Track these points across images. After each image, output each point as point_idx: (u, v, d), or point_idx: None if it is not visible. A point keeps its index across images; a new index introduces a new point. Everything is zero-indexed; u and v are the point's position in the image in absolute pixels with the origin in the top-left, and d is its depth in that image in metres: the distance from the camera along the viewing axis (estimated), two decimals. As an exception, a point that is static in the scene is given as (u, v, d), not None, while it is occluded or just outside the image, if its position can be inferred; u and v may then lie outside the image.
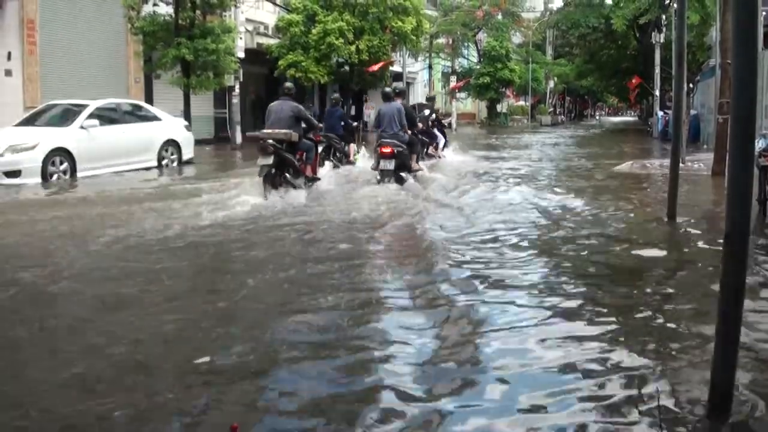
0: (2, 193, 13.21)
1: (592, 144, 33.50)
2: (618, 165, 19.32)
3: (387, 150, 13.68)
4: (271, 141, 12.18)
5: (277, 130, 12.38)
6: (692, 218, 9.94)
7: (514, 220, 9.94)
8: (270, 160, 12.19)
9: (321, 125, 15.29)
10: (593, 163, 20.80)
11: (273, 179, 12.32)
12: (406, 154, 14.29)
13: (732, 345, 3.40)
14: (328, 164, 15.63)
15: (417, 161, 15.64)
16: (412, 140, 14.94)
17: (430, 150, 19.85)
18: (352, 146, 17.80)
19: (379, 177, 13.79)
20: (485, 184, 14.95)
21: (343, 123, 17.69)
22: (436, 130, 20.76)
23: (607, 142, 33.65)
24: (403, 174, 14.03)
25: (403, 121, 14.26)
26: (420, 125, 17.41)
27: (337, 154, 17.30)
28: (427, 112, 20.77)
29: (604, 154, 24.87)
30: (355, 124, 18.52)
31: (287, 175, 12.59)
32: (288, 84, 14.04)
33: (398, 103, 14.70)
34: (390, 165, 13.70)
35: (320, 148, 14.88)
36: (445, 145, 21.44)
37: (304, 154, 13.20)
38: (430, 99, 24.48)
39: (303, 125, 13.00)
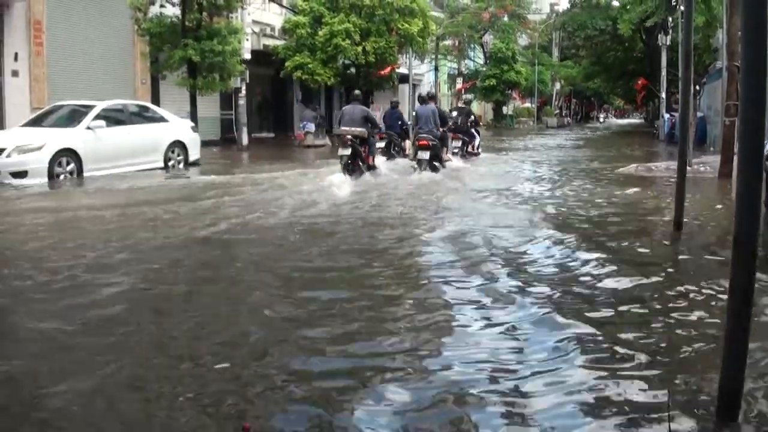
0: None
1: (596, 146, 33.41)
2: (623, 167, 19.28)
3: (424, 142, 16.80)
4: (349, 136, 15.75)
5: (354, 128, 15.89)
6: (699, 223, 9.87)
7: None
8: (348, 151, 15.69)
9: (382, 125, 19.32)
10: (597, 165, 20.80)
11: (350, 165, 15.74)
12: (439, 147, 17.51)
13: (740, 349, 3.39)
14: (380, 157, 18.23)
15: (447, 154, 18.87)
16: (444, 136, 18.32)
17: (469, 148, 22.33)
18: (408, 142, 19.71)
19: (416, 166, 16.91)
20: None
21: (400, 122, 20.35)
22: (473, 131, 23.11)
23: (612, 145, 33.55)
24: (436, 163, 17.23)
25: (437, 120, 17.35)
26: (449, 124, 20.04)
27: (396, 148, 19.72)
28: (470, 117, 23.41)
29: (607, 156, 24.77)
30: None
31: (359, 162, 16.02)
32: (356, 92, 17.93)
33: (432, 105, 18.29)
34: (426, 155, 16.80)
35: (382, 144, 18.88)
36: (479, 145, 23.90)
37: (368, 147, 16.47)
38: (467, 102, 25.94)
39: (369, 125, 16.38)
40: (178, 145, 18.75)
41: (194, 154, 19.35)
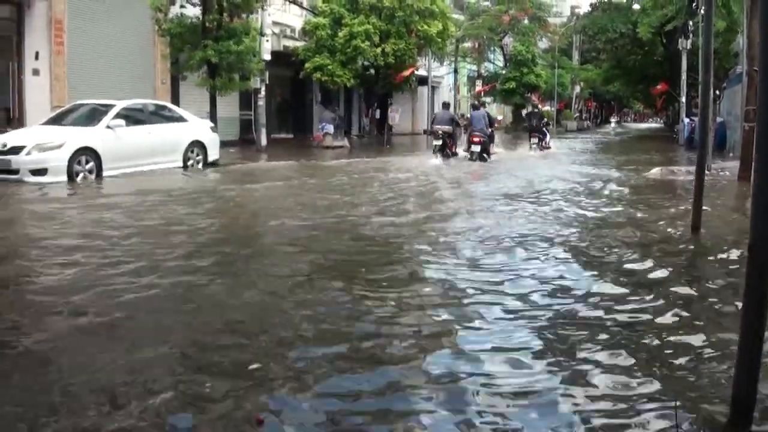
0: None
1: (616, 151, 33.27)
2: (647, 172, 19.21)
3: (476, 138, 22.74)
4: (440, 132, 23.08)
5: (443, 126, 23.26)
6: (717, 229, 9.82)
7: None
8: (440, 142, 23.03)
9: (464, 124, 26.66)
10: (615, 172, 20.73)
11: (441, 151, 22.99)
12: (487, 142, 23.39)
13: (754, 355, 3.37)
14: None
15: (493, 148, 24.59)
16: (491, 134, 24.30)
17: (543, 143, 27.98)
18: (494, 145, 25.33)
19: (470, 156, 22.84)
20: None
21: (490, 122, 24.40)
22: (545, 130, 29.23)
23: (631, 150, 33.35)
24: (484, 155, 22.93)
25: (486, 121, 23.38)
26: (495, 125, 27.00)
27: (490, 148, 24.23)
28: (542, 119, 29.90)
29: (626, 161, 24.65)
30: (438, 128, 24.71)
31: (447, 150, 23.25)
32: (446, 101, 27.40)
33: (483, 110, 24.52)
34: (477, 148, 22.64)
35: (439, 142, 23.53)
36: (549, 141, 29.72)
37: (452, 140, 23.83)
38: (536, 106, 33.74)
39: (454, 124, 24.05)
40: (197, 145, 18.78)
41: (213, 154, 19.40)
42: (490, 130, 23.70)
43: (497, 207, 12.14)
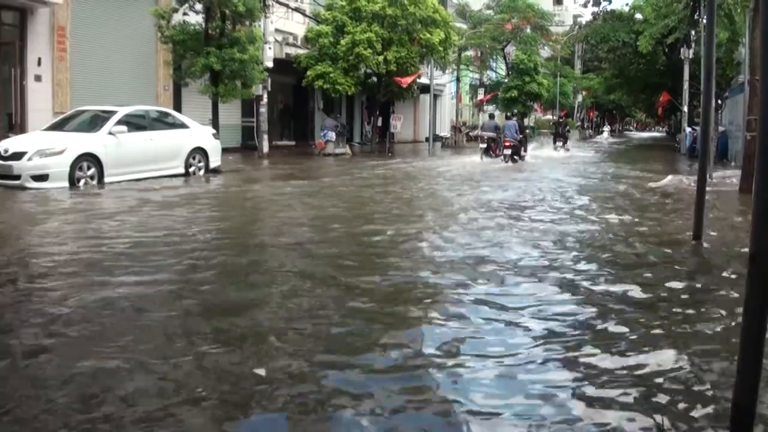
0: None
1: (618, 161, 33.22)
2: (655, 181, 19.25)
3: (508, 143, 26.90)
4: (486, 137, 28.79)
5: (488, 133, 29.14)
6: (718, 238, 9.83)
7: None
8: (485, 145, 28.44)
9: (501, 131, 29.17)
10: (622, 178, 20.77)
11: (486, 153, 28.29)
12: (518, 147, 27.71)
13: (755, 364, 3.36)
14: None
15: (525, 151, 29.51)
16: (521, 140, 28.54)
17: (565, 146, 37.53)
18: (527, 151, 30.47)
19: (503, 159, 27.03)
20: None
21: (520, 130, 28.74)
22: (567, 134, 39.52)
23: (633, 160, 33.30)
24: (516, 157, 27.30)
25: (517, 129, 27.79)
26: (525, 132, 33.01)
27: (521, 151, 28.71)
28: (566, 127, 41.43)
29: (631, 169, 24.67)
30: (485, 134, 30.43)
31: (490, 152, 28.33)
32: (491, 112, 35.81)
33: (514, 120, 29.28)
34: (508, 152, 26.85)
35: (484, 145, 28.96)
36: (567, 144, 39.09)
37: (496, 144, 28.46)
38: (561, 117, 41.79)
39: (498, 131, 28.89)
40: (199, 152, 18.82)
41: (215, 161, 19.43)
42: (520, 136, 28.33)
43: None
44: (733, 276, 7.26)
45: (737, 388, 3.43)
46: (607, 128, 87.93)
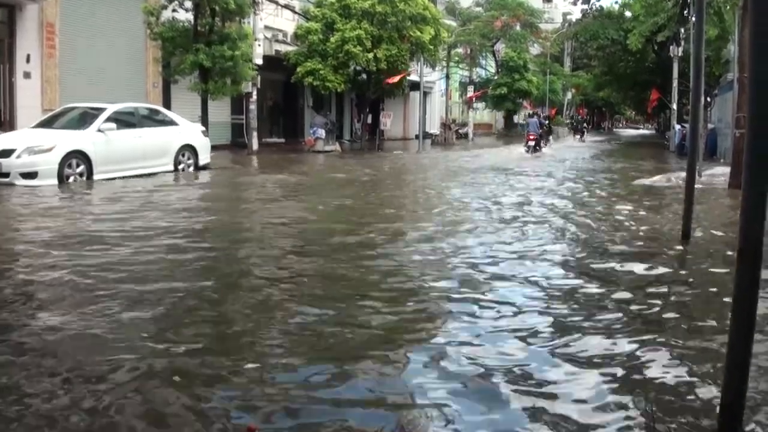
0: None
1: (606, 158, 33.28)
2: (639, 179, 19.30)
3: (532, 137, 31.43)
4: (532, 136, 31.40)
5: (533, 132, 31.80)
6: (705, 233, 9.85)
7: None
8: (532, 143, 31.22)
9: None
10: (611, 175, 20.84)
11: (533, 149, 31.17)
12: (540, 140, 32.50)
13: (743, 362, 3.37)
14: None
15: (543, 143, 34.77)
16: (542, 134, 34.12)
17: (582, 137, 48.70)
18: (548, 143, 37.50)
19: (526, 150, 31.22)
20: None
21: (541, 126, 33.90)
22: (585, 129, 46.18)
23: (622, 156, 33.37)
24: (537, 147, 31.54)
25: (539, 125, 32.75)
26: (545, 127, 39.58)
27: (542, 143, 33.89)
28: (583, 122, 51.40)
29: (621, 167, 24.75)
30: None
31: (537, 147, 31.93)
32: (533, 112, 40.99)
33: (536, 118, 34.34)
34: (532, 143, 31.23)
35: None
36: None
37: (538, 140, 32.31)
38: (579, 114, 45.07)
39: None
40: (189, 149, 18.82)
41: (204, 158, 19.42)
42: (541, 130, 33.45)
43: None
44: (722, 271, 7.29)
45: (725, 384, 3.44)
46: (586, 126, 63.48)
